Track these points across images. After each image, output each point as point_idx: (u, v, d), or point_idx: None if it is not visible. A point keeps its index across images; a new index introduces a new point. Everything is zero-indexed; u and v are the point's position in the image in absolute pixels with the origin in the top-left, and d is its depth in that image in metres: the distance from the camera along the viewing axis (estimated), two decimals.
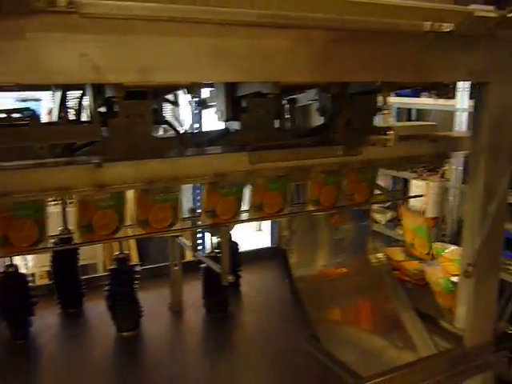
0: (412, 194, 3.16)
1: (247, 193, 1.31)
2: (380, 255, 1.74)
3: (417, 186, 3.39)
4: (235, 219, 1.29)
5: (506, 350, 3.63)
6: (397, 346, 1.60)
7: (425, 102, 3.71)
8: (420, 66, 1.13)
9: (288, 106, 1.67)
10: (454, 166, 3.48)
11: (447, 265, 1.71)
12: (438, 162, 1.56)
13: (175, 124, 1.49)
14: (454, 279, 1.64)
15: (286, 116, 1.67)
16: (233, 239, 1.85)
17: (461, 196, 3.52)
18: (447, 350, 1.46)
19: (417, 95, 3.74)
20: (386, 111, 1.21)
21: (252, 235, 5.37)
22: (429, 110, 4.16)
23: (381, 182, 4.37)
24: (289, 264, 1.61)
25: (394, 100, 4.04)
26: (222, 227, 1.29)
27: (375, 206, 4.39)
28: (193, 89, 1.05)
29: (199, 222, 1.42)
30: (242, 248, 1.96)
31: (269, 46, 0.94)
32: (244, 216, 1.33)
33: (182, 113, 4.38)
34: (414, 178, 3.46)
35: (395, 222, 4.10)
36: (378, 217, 4.21)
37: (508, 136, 1.27)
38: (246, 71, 0.92)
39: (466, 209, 1.41)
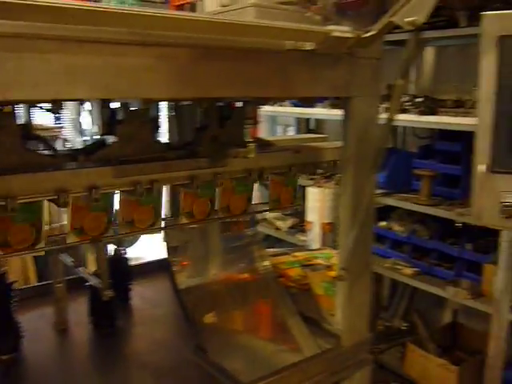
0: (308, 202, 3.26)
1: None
2: (266, 263, 1.80)
3: (313, 193, 3.51)
4: (104, 235, 1.26)
5: (399, 346, 3.82)
6: (284, 350, 1.65)
7: (319, 111, 3.86)
8: (284, 82, 1.19)
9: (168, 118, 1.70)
10: None
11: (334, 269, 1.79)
12: (308, 170, 1.64)
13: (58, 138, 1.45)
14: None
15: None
16: (122, 253, 1.84)
17: None
18: (325, 350, 1.53)
19: (312, 105, 3.88)
20: (249, 125, 1.26)
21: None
22: (325, 119, 4.33)
23: None
24: (174, 276, 1.62)
25: (292, 110, 4.18)
26: (97, 243, 1.28)
27: (277, 214, 4.51)
28: (56, 105, 1.03)
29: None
30: (144, 259, 1.96)
31: (128, 63, 0.95)
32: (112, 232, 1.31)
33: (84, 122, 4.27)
34: (311, 186, 3.59)
35: (297, 228, 4.23)
36: (279, 223, 4.32)
37: (371, 146, 1.36)
38: (104, 88, 0.92)
39: (339, 215, 1.49)
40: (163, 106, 1.66)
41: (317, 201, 3.48)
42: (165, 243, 1.71)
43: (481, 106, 1.19)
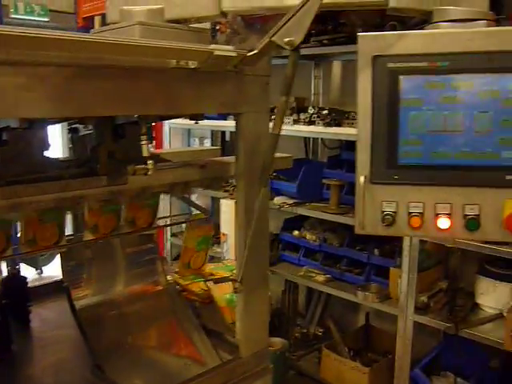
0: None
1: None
2: (169, 277, 1.80)
3: (226, 205, 3.55)
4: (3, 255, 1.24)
5: (316, 352, 3.91)
6: (188, 363, 1.66)
7: (230, 124, 3.90)
8: (170, 99, 1.21)
9: (70, 135, 1.67)
10: None
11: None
12: (214, 185, 1.66)
13: None
14: None
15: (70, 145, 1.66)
16: (21, 273, 1.78)
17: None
18: (225, 361, 1.55)
19: (224, 118, 3.92)
20: (143, 141, 1.26)
21: None
22: None
23: (199, 201, 4.51)
24: (70, 296, 1.59)
25: (204, 123, 4.20)
26: None
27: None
28: None
29: None
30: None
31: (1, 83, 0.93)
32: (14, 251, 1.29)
33: None
34: (224, 198, 3.63)
35: (212, 239, 4.23)
36: None
37: (260, 160, 1.40)
38: None
39: (236, 229, 1.52)
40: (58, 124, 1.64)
41: (230, 213, 3.52)
42: (61, 262, 1.67)
43: (359, 121, 1.26)
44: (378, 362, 3.42)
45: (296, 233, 3.78)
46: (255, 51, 1.23)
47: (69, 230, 1.64)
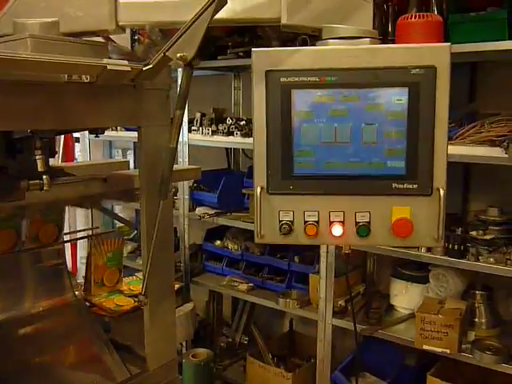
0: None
1: None
2: (77, 293, 1.76)
3: None
4: None
5: (241, 360, 3.93)
6: (95, 380, 1.63)
7: None
8: (62, 113, 1.20)
9: None
10: (182, 195, 3.71)
11: None
12: (124, 198, 1.65)
13: None
14: None
15: None
16: None
17: (190, 223, 3.77)
18: (133, 375, 1.54)
19: None
20: (38, 156, 1.24)
21: None
22: None
23: (123, 214, 4.43)
24: None
25: (126, 135, 4.15)
26: None
27: None
28: None
29: None
30: None
31: None
32: None
33: None
34: None
35: (136, 252, 4.19)
36: None
37: (160, 173, 1.40)
38: None
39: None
40: None
41: None
42: None
43: (255, 134, 1.30)
44: (301, 366, 3.48)
45: (218, 243, 3.80)
46: (149, 66, 1.25)
47: None
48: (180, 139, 3.60)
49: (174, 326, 1.59)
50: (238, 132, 3.27)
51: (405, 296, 3.16)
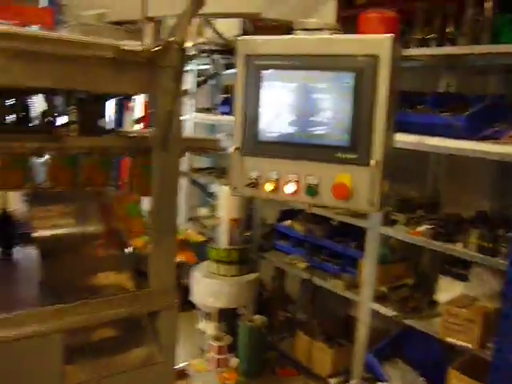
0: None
1: None
2: None
3: (222, 191, 3.97)
4: None
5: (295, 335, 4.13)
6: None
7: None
8: (93, 79, 1.61)
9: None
10: None
11: None
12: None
13: None
14: None
15: None
16: None
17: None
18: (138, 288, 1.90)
19: None
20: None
21: None
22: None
23: None
24: None
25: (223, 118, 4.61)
26: None
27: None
28: None
29: None
30: None
31: None
32: None
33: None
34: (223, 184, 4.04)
35: None
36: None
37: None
38: None
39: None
40: None
41: (225, 198, 3.92)
42: None
43: (235, 105, 1.62)
44: (342, 345, 3.69)
45: (288, 223, 4.13)
46: (157, 48, 1.63)
47: None
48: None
49: (174, 260, 1.93)
50: None
51: (449, 292, 3.23)
